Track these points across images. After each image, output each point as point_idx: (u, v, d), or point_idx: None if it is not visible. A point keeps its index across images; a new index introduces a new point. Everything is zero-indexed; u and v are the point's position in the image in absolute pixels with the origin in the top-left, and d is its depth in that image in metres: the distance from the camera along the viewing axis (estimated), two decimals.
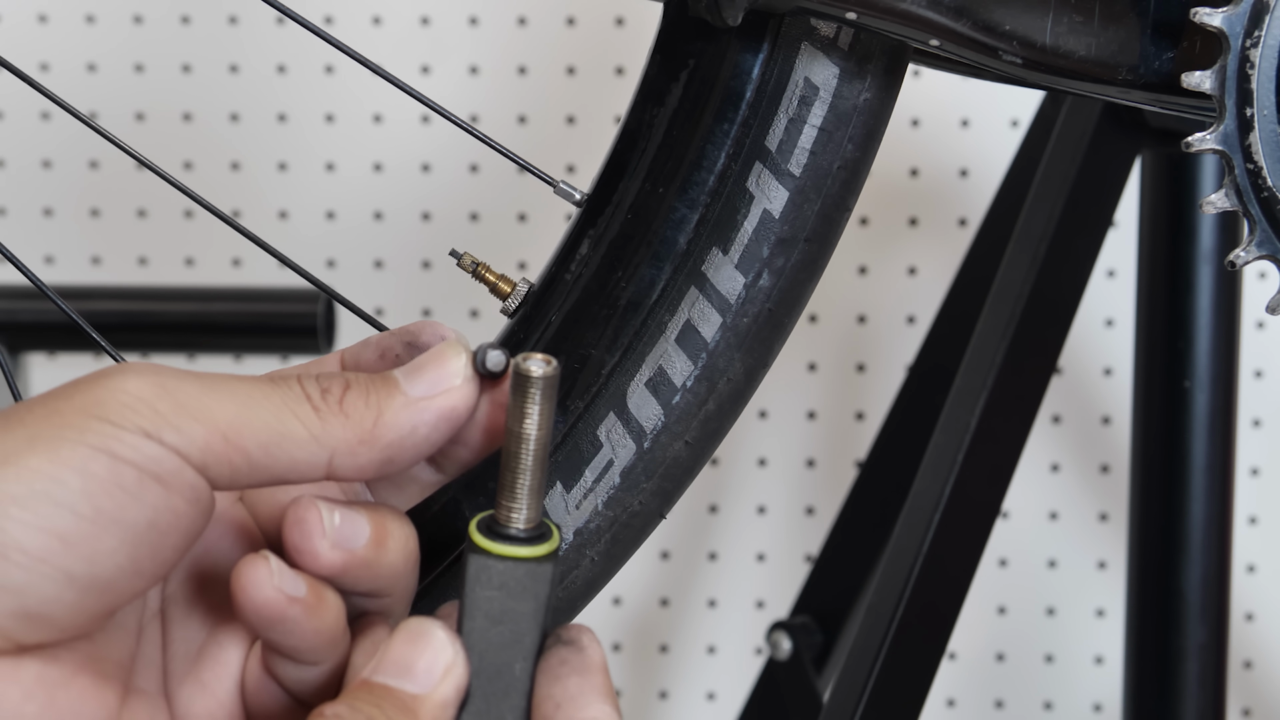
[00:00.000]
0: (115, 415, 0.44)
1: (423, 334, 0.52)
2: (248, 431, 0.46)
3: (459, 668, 0.47)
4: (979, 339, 0.92)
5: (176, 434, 0.44)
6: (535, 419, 0.48)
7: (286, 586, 0.46)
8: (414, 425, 0.48)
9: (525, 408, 0.48)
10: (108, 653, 0.47)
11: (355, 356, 0.53)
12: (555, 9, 1.42)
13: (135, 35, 1.41)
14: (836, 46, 0.60)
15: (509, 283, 0.63)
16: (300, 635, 0.47)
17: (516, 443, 0.48)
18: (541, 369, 0.48)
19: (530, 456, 0.48)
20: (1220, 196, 0.60)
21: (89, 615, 0.44)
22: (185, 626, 0.50)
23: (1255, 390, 1.45)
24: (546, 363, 0.48)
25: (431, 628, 0.47)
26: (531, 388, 0.48)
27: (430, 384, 0.49)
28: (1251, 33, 0.57)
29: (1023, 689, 1.50)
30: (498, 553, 0.48)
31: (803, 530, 1.48)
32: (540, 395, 0.48)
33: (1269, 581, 1.48)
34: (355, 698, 0.46)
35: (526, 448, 0.48)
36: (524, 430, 0.48)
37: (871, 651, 0.86)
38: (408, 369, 0.49)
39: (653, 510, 0.62)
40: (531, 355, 0.48)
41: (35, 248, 1.43)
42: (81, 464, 0.43)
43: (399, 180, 1.43)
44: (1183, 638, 0.96)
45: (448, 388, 0.49)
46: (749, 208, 0.61)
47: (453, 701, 0.47)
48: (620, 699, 1.50)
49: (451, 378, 0.49)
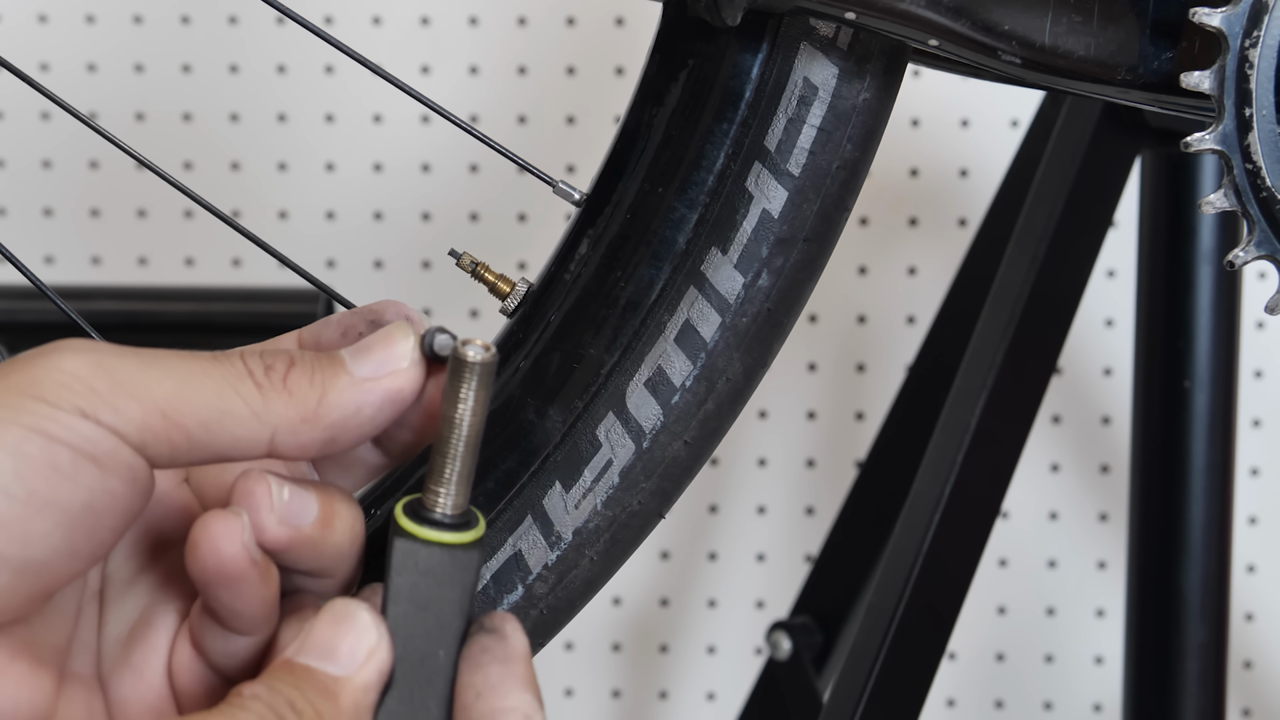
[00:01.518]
0: (51, 394, 0.43)
1: (386, 313, 0.52)
2: (188, 409, 0.45)
3: (382, 652, 0.46)
4: (979, 339, 0.92)
5: (114, 413, 0.44)
6: (470, 404, 0.48)
7: (252, 547, 0.46)
8: (358, 405, 0.48)
9: (460, 392, 0.48)
10: (44, 637, 0.47)
11: (316, 335, 0.53)
12: (555, 9, 1.42)
13: (135, 35, 1.41)
14: (835, 46, 0.60)
15: (508, 282, 0.64)
16: (247, 600, 0.47)
17: (449, 427, 0.48)
18: (480, 355, 0.48)
19: (461, 442, 0.48)
20: (1219, 196, 0.60)
21: (24, 599, 0.44)
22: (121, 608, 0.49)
23: (1255, 390, 1.45)
24: (485, 349, 0.48)
25: (356, 610, 0.47)
26: (468, 373, 0.48)
27: (377, 365, 0.48)
28: (1250, 33, 0.57)
29: (1023, 689, 1.50)
30: (423, 537, 0.48)
31: (803, 530, 1.48)
32: (476, 381, 0.48)
33: (1269, 581, 1.48)
34: (275, 678, 0.45)
35: (458, 433, 0.48)
36: (457, 415, 0.48)
37: (871, 651, 0.86)
38: (355, 349, 0.49)
39: (652, 510, 0.62)
40: (471, 340, 0.48)
41: (35, 248, 1.43)
42: (15, 445, 0.43)
43: (399, 180, 1.43)
44: (1183, 638, 0.96)
45: (394, 369, 0.48)
46: (748, 207, 0.61)
47: (375, 685, 0.46)
48: (620, 699, 1.50)
49: (399, 360, 0.49)
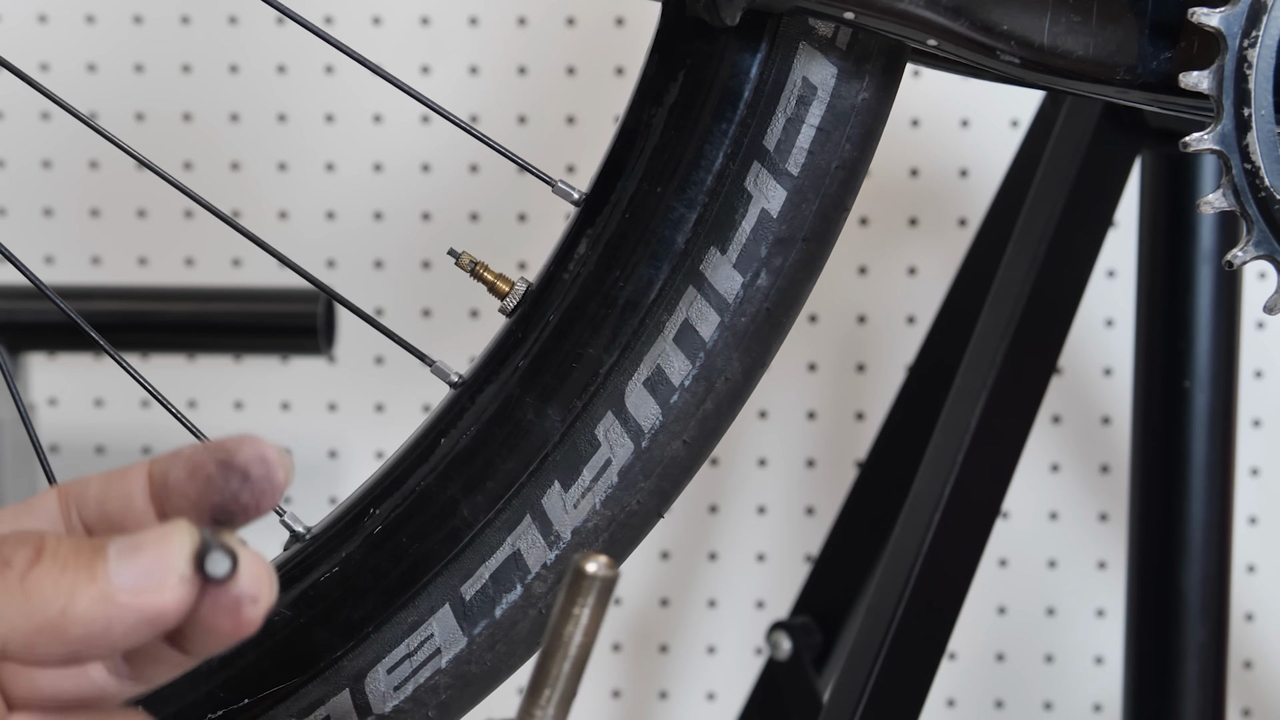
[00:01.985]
0: None
1: (239, 452, 0.44)
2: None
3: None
4: (979, 339, 0.92)
5: None
6: (583, 624, 0.43)
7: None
8: (109, 621, 0.40)
9: (573, 609, 0.43)
10: None
11: (164, 472, 0.45)
12: (555, 9, 1.42)
13: (135, 35, 1.41)
14: (834, 46, 0.60)
15: (507, 282, 0.64)
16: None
17: (557, 644, 0.44)
18: (603, 570, 0.43)
19: (568, 662, 0.44)
20: (1218, 196, 0.60)
21: None
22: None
23: (1255, 390, 1.45)
24: (609, 566, 0.43)
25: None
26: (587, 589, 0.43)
27: (141, 574, 0.40)
28: (1249, 33, 0.57)
29: (1023, 689, 1.49)
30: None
31: (803, 530, 1.48)
32: (594, 599, 0.43)
33: (1269, 581, 1.47)
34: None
35: (565, 652, 0.44)
36: (566, 633, 0.44)
37: (871, 651, 0.86)
38: (124, 545, 0.41)
39: (650, 510, 0.62)
40: (593, 555, 0.43)
41: (35, 248, 1.43)
42: None
43: (399, 180, 1.43)
44: (1183, 638, 0.95)
45: (158, 585, 0.40)
46: (747, 207, 0.61)
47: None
48: (620, 699, 1.50)
49: (167, 573, 0.41)
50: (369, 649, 0.64)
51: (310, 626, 0.64)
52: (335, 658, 0.64)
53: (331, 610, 0.64)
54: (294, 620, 0.64)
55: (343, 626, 0.64)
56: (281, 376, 1.44)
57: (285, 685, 0.64)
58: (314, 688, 0.64)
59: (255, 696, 0.63)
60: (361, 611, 0.64)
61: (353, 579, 0.64)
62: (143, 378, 0.66)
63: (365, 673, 0.64)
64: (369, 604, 0.64)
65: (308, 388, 1.44)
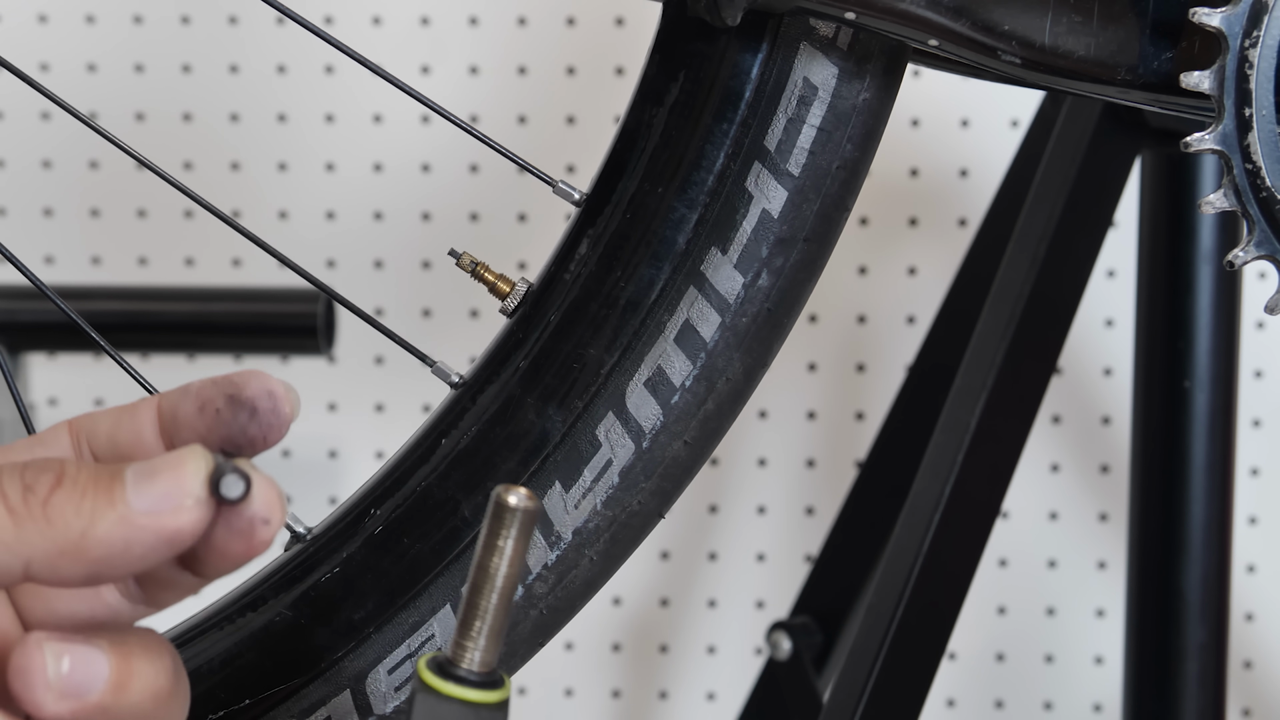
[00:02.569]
0: None
1: (247, 387, 0.46)
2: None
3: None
4: (979, 339, 0.92)
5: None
6: (507, 555, 0.45)
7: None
8: (128, 543, 0.42)
9: (497, 541, 0.45)
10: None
11: (174, 406, 0.47)
12: (555, 9, 1.42)
13: (135, 35, 1.41)
14: (835, 46, 0.60)
15: (508, 282, 0.64)
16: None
17: (483, 578, 0.45)
18: (522, 502, 0.44)
19: (495, 594, 0.45)
20: (1219, 196, 0.60)
21: None
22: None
23: (1255, 390, 1.45)
24: (528, 497, 0.44)
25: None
26: (508, 520, 0.45)
27: (158, 498, 0.42)
28: (1250, 33, 0.57)
29: (1023, 689, 1.50)
30: (447, 693, 0.45)
31: (803, 530, 1.48)
32: (516, 530, 0.45)
33: (1269, 581, 1.47)
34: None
35: (492, 584, 0.45)
36: (492, 565, 0.45)
37: (871, 651, 0.86)
38: (140, 470, 0.43)
39: (651, 510, 0.62)
40: (513, 487, 0.44)
41: (35, 248, 1.43)
42: None
43: (399, 180, 1.43)
44: (1183, 638, 0.95)
45: (175, 506, 0.42)
46: (748, 207, 0.61)
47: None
48: (620, 699, 1.50)
49: (183, 495, 0.42)
50: (370, 649, 0.64)
51: (311, 627, 0.64)
52: (336, 658, 0.64)
53: (332, 611, 0.64)
54: (295, 621, 0.64)
55: (344, 627, 0.64)
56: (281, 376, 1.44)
57: (286, 686, 0.64)
58: (315, 688, 0.64)
59: (256, 697, 0.63)
60: (362, 612, 0.64)
61: (354, 579, 0.64)
62: (143, 378, 0.66)
63: (366, 673, 0.64)
64: (370, 604, 0.64)
65: (308, 388, 1.44)
